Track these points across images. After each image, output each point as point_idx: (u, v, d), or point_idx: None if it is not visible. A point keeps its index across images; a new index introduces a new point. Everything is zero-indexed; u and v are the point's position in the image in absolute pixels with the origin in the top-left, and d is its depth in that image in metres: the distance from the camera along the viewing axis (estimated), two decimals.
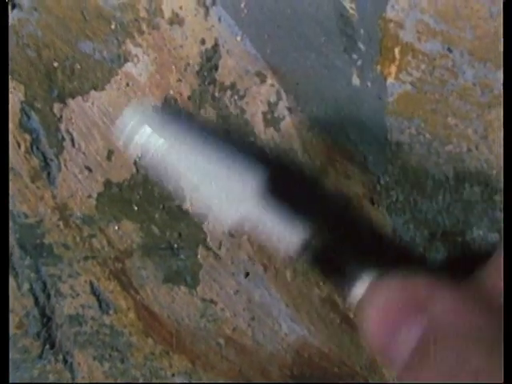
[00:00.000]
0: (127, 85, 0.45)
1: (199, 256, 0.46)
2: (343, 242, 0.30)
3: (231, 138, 0.36)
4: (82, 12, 0.44)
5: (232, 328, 0.47)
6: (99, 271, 0.47)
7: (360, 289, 0.25)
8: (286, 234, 0.27)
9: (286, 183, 0.36)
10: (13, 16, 0.43)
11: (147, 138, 0.31)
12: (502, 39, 0.45)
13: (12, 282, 0.48)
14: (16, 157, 0.46)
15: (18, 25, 0.44)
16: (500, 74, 0.46)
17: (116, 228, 0.46)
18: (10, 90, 0.45)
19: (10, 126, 0.45)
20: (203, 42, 0.45)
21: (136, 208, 0.46)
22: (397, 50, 0.46)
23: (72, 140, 0.45)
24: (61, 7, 0.44)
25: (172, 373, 0.48)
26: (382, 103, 0.47)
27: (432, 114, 0.46)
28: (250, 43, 0.46)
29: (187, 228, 0.46)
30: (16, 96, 0.45)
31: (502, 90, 0.46)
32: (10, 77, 0.45)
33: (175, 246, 0.46)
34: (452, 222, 0.48)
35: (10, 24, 0.44)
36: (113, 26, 0.44)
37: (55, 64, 0.44)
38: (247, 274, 0.44)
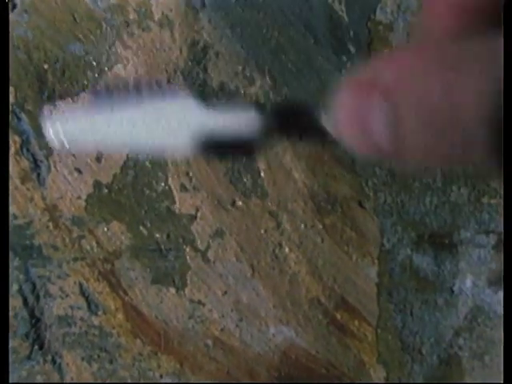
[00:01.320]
0: None
1: (187, 257, 0.46)
2: None
3: None
4: (72, 14, 0.44)
5: (220, 329, 0.47)
6: (88, 272, 0.47)
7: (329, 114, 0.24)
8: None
9: None
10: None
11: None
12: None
13: None
14: None
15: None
16: None
17: (105, 229, 0.46)
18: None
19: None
20: (193, 43, 0.45)
21: (125, 209, 0.46)
22: None
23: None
24: (51, 9, 0.44)
25: (160, 374, 0.48)
26: None
27: None
28: (240, 45, 0.46)
29: (176, 229, 0.46)
30: None
31: None
32: None
33: (163, 247, 0.46)
34: (439, 223, 0.49)
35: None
36: (103, 28, 0.44)
37: (45, 66, 0.44)
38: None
